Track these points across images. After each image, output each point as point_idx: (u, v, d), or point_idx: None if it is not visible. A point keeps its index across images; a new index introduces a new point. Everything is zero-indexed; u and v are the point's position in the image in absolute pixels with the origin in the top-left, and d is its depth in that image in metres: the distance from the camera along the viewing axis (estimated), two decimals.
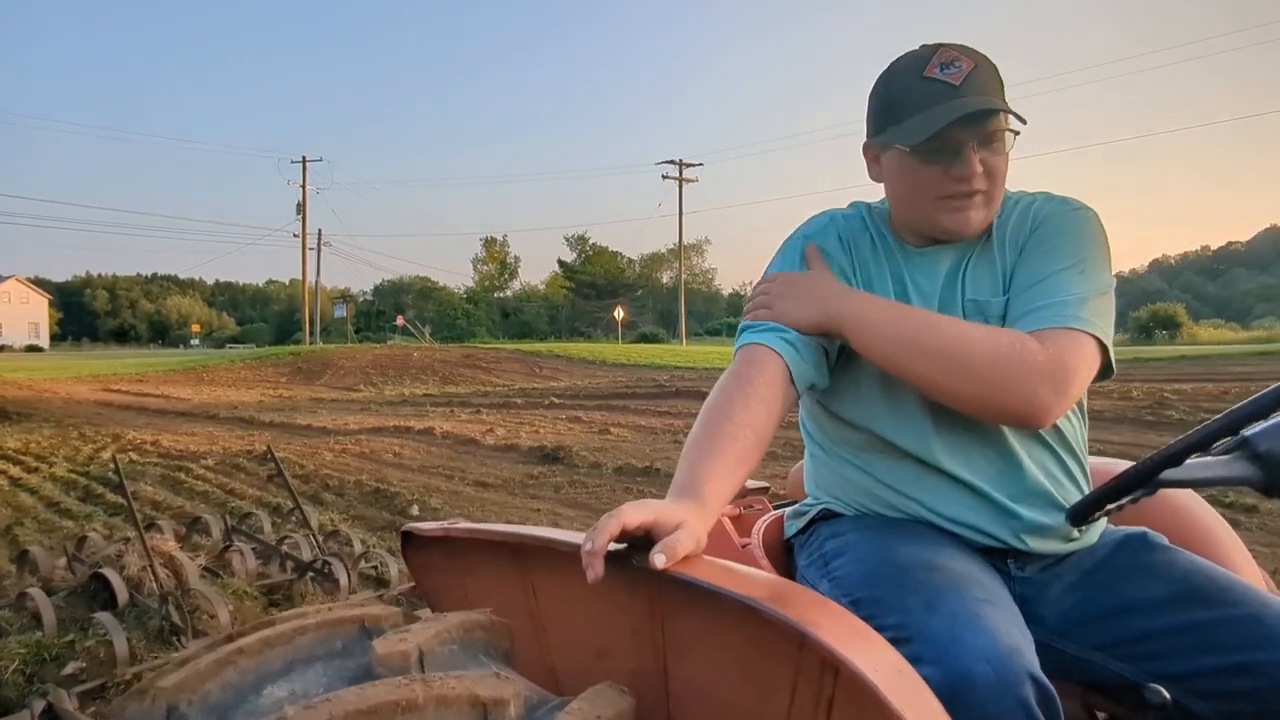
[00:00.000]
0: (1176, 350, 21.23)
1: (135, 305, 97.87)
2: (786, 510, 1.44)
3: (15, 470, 8.09)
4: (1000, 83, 1.18)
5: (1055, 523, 1.19)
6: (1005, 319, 1.18)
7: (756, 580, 0.85)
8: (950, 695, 0.84)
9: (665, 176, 44.63)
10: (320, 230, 48.37)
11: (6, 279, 78.03)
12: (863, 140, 1.28)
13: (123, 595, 3.50)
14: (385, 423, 11.63)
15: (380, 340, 45.73)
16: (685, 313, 44.20)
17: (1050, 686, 0.91)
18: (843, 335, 1.17)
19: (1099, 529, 1.25)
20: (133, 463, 8.27)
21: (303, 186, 45.35)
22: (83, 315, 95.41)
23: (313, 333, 46.00)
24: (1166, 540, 1.21)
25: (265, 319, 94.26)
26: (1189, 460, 0.98)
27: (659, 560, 0.84)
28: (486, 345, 34.24)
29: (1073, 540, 1.21)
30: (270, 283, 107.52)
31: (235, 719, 0.73)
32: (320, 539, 4.14)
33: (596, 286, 70.93)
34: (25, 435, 11.00)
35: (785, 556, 1.39)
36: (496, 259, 78.50)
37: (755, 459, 1.06)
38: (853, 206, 1.35)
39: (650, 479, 6.92)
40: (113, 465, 4.82)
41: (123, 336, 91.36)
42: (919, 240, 1.26)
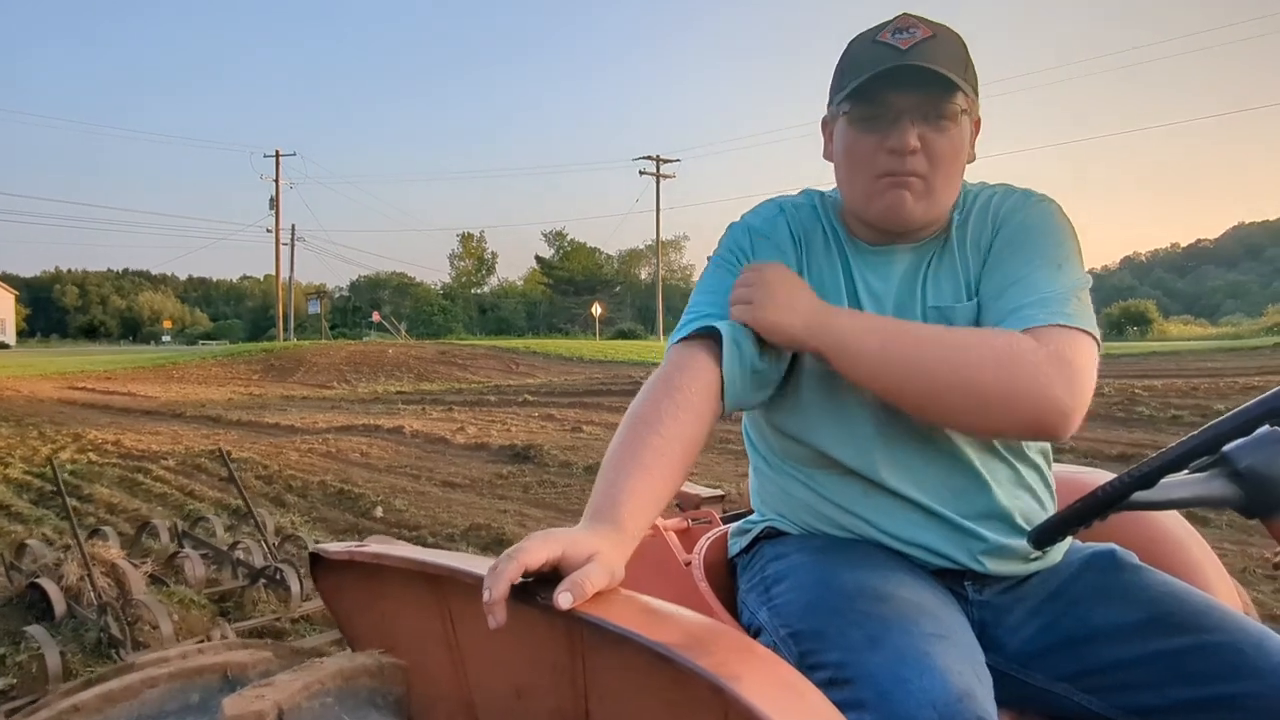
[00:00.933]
0: (1147, 346, 21.40)
1: (106, 301, 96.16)
2: (731, 527, 1.35)
3: None
4: (962, 61, 1.07)
5: (1016, 543, 1.10)
6: (979, 324, 1.08)
7: (675, 621, 0.76)
8: None
9: (643, 172, 44.46)
10: (294, 225, 47.99)
11: None
12: None
13: (60, 606, 3.35)
14: (355, 421, 11.44)
15: (356, 337, 45.35)
16: (663, 309, 44.05)
17: None
18: (822, 357, 1.05)
19: (1063, 547, 1.16)
20: (91, 463, 8.06)
21: (275, 181, 44.71)
22: (51, 311, 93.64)
23: (287, 329, 45.38)
24: (1137, 558, 1.13)
25: (239, 315, 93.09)
26: (1163, 480, 0.89)
27: (564, 600, 0.74)
28: (463, 341, 33.86)
29: (1034, 560, 1.12)
30: (244, 278, 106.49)
31: None
32: (275, 544, 4.01)
33: (574, 283, 70.63)
34: None
35: (729, 577, 1.30)
36: (474, 255, 77.89)
37: (683, 475, 0.97)
38: (804, 194, 1.24)
39: None
40: (49, 467, 4.63)
41: (93, 333, 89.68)
42: (870, 235, 1.16)
